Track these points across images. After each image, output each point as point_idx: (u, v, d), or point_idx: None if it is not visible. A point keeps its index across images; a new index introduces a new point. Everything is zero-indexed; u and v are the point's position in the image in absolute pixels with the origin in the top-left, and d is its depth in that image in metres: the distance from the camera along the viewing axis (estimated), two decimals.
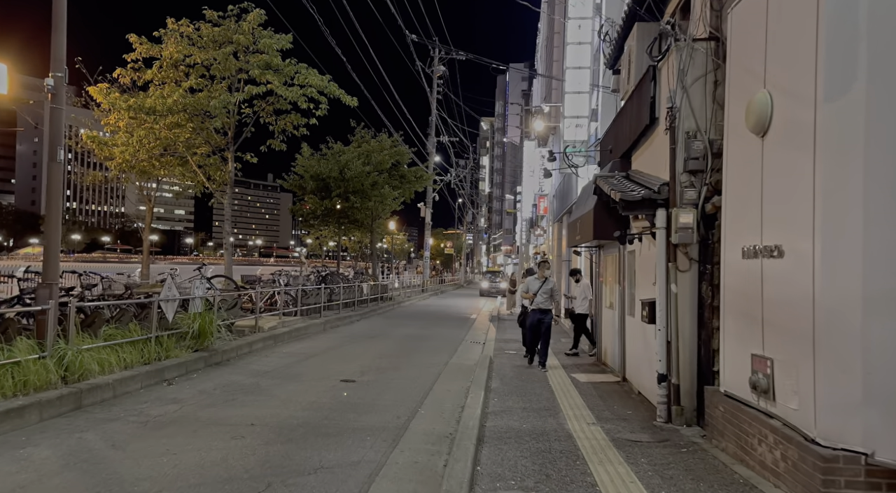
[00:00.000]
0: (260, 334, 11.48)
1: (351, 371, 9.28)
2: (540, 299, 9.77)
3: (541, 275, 9.99)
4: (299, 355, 10.76)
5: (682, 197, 6.49)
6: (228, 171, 12.78)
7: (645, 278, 7.68)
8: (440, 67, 36.56)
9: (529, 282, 10.10)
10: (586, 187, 11.37)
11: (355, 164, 23.65)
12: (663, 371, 6.50)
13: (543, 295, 9.78)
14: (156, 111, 11.23)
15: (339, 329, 15.26)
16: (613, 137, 9.75)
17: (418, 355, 11.49)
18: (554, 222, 23.51)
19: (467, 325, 18.10)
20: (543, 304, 9.79)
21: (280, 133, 13.43)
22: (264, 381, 8.31)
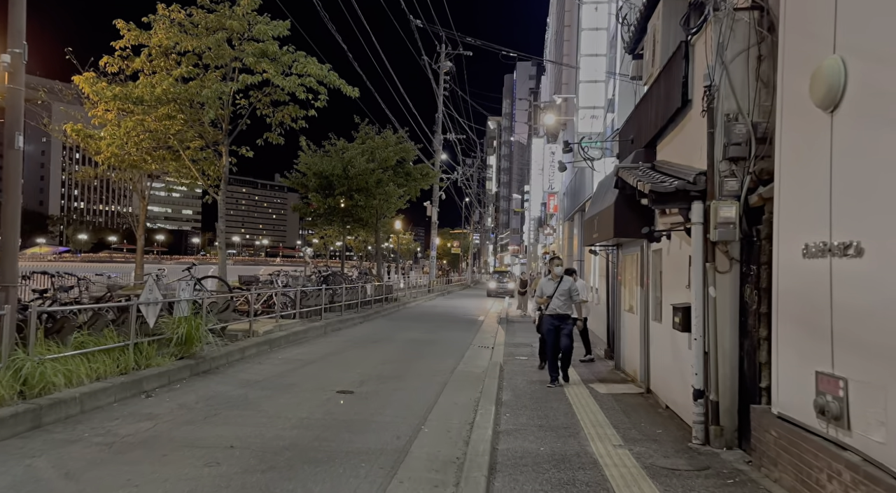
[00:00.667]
0: (254, 338, 10.75)
1: (349, 381, 8.53)
2: (556, 303, 8.56)
3: (554, 275, 8.80)
4: (295, 361, 10.03)
5: (722, 188, 5.70)
6: (223, 165, 12.06)
7: (675, 279, 6.90)
8: (447, 63, 35.82)
9: (542, 284, 8.94)
10: (603, 182, 10.58)
11: (359, 161, 22.94)
12: (700, 386, 5.71)
13: (560, 298, 8.55)
14: (144, 101, 10.52)
15: (341, 333, 14.52)
16: (635, 126, 8.96)
17: (423, 361, 10.74)
18: (564, 221, 22.71)
19: (475, 328, 17.34)
20: (560, 308, 8.56)
21: (277, 126, 12.70)
22: (253, 392, 7.57)
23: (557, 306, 8.56)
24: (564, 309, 8.59)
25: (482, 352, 12.31)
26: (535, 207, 41.82)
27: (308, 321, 14.15)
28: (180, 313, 8.41)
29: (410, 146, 25.44)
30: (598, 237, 9.58)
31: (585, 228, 10.73)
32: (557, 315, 8.57)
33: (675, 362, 6.74)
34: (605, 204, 9.02)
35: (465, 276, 67.92)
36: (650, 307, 8.11)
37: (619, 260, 10.48)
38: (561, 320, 8.54)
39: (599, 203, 9.73)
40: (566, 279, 8.67)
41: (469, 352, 12.19)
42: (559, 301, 8.57)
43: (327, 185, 23.60)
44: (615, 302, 10.82)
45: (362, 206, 23.69)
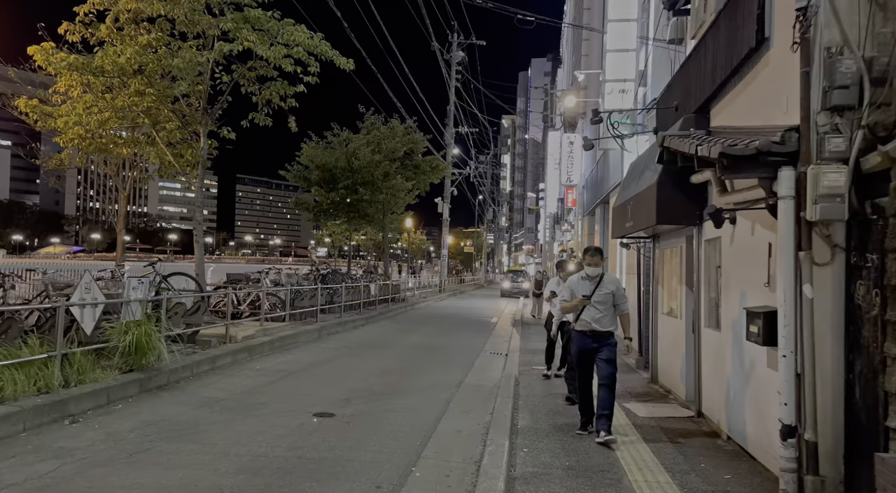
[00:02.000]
0: (230, 345, 9.33)
1: (333, 399, 7.06)
2: (592, 314, 5.71)
3: (587, 272, 5.89)
4: (275, 373, 8.58)
5: (823, 148, 4.14)
6: (200, 148, 10.64)
7: (742, 276, 5.34)
8: (459, 53, 34.30)
9: (572, 284, 5.98)
10: (636, 163, 9.02)
11: (364, 152, 21.50)
12: (790, 421, 4.15)
13: (599, 307, 5.70)
14: (106, 72, 9.17)
15: (337, 337, 13.07)
16: (680, 91, 7.39)
17: (426, 371, 9.25)
18: (584, 216, 21.10)
19: (487, 331, 15.82)
20: (600, 322, 5.70)
21: (264, 105, 11.26)
22: (209, 415, 6.12)
23: (595, 317, 5.71)
24: (606, 324, 5.73)
25: (494, 360, 10.80)
26: (552, 203, 40.18)
27: (301, 324, 12.72)
28: (129, 317, 6.99)
29: (419, 137, 23.95)
30: (631, 227, 8.02)
31: (615, 217, 9.17)
32: (594, 332, 5.71)
33: (744, 382, 5.18)
34: (641, 186, 7.46)
35: (478, 275, 66.38)
36: (702, 311, 6.54)
37: (655, 254, 8.90)
38: (599, 339, 5.72)
39: (633, 187, 8.17)
40: (609, 278, 5.95)
41: (479, 360, 10.69)
42: (598, 311, 5.72)
43: (330, 178, 22.19)
44: (649, 304, 9.24)
45: (368, 201, 22.25)
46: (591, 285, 5.81)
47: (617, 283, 5.96)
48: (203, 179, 10.82)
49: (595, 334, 5.74)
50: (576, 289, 5.91)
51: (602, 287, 5.79)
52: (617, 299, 5.81)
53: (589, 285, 5.83)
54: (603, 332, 5.73)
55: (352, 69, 10.64)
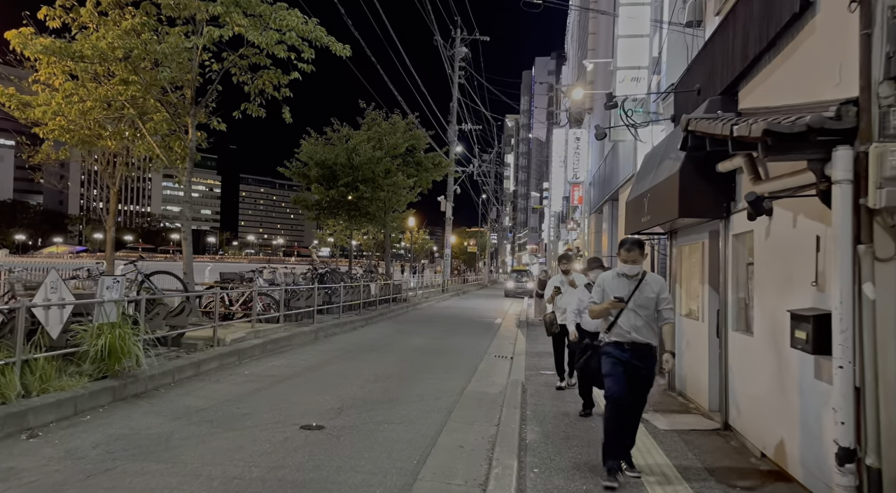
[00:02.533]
0: (218, 348, 8.75)
1: (324, 408, 6.48)
2: (632, 321, 4.61)
3: (629, 270, 4.70)
4: (264, 378, 8.00)
5: (887, 123, 3.54)
6: (189, 140, 10.08)
7: (780, 274, 4.73)
8: (462, 49, 33.69)
9: (605, 283, 4.80)
10: (652, 154, 8.41)
11: (365, 148, 20.92)
12: (849, 444, 3.55)
13: (640, 312, 4.62)
14: (85, 57, 8.61)
15: (334, 339, 12.49)
16: (703, 72, 6.78)
17: (426, 377, 8.66)
18: (591, 214, 20.49)
19: (491, 332, 15.22)
20: (640, 331, 4.62)
21: (257, 95, 10.69)
22: (185, 428, 5.54)
23: (635, 325, 4.59)
24: (648, 334, 4.63)
25: (499, 364, 10.21)
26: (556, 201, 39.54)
27: (296, 325, 12.14)
28: (103, 319, 6.42)
29: (421, 133, 23.35)
30: (648, 222, 7.41)
31: (628, 212, 8.56)
32: (634, 345, 4.60)
33: (785, 394, 4.58)
34: (660, 177, 6.86)
35: (481, 275, 65.79)
36: (729, 314, 5.93)
37: (673, 252, 8.30)
38: (639, 353, 4.60)
39: (649, 179, 7.56)
40: (652, 278, 4.79)
41: (483, 364, 10.10)
42: (638, 318, 4.60)
43: (330, 175, 21.62)
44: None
45: (368, 198, 21.66)
46: (630, 285, 4.68)
47: (662, 284, 4.80)
48: (191, 173, 10.25)
49: (634, 346, 4.59)
50: (610, 289, 4.71)
51: (644, 288, 4.66)
52: (661, 304, 4.68)
53: (627, 284, 4.68)
54: (643, 344, 4.61)
55: (348, 56, 10.06)
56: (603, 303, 4.72)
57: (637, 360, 4.61)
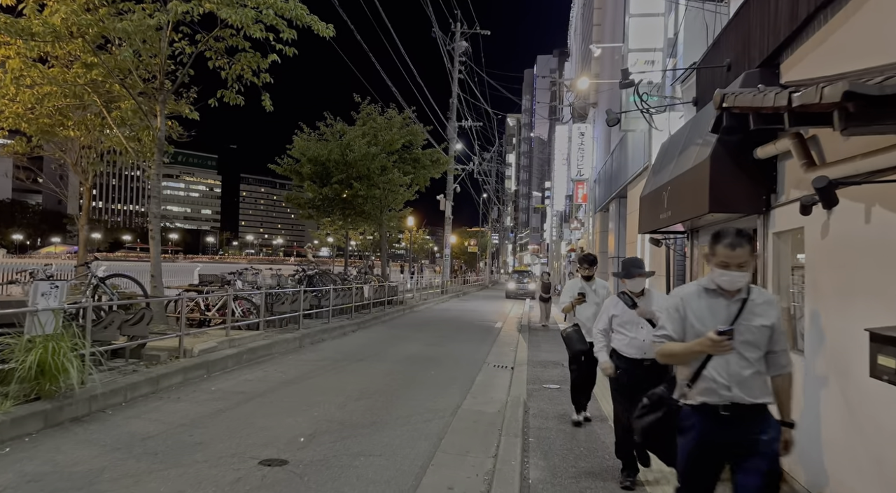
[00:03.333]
0: (183, 361, 7.83)
1: (293, 434, 5.57)
2: (735, 367, 2.67)
3: (727, 281, 2.70)
4: (232, 396, 7.08)
5: None
6: (157, 129, 9.17)
7: (852, 281, 3.80)
8: (462, 43, 32.77)
9: (688, 303, 2.81)
10: (670, 144, 7.48)
11: (359, 144, 20.02)
12: None
13: (748, 352, 2.69)
14: (35, 35, 7.71)
15: (321, 346, 11.57)
16: (735, 44, 5.85)
17: (416, 392, 7.75)
18: (596, 212, 19.58)
19: (490, 337, 14.30)
20: (746, 386, 2.68)
21: (235, 81, 9.79)
22: (120, 465, 4.62)
23: (740, 376, 2.68)
24: (758, 389, 2.74)
25: (499, 375, 9.30)
26: (559, 200, 38.66)
27: (279, 332, 11.23)
28: (36, 331, 5.51)
29: (419, 128, 22.44)
30: (668, 218, 6.48)
31: (643, 208, 7.63)
32: (737, 409, 2.67)
33: (852, 434, 3.65)
34: (683, 166, 5.93)
35: (482, 276, 64.90)
36: None
37: (694, 252, 7.37)
38: (746, 424, 2.69)
39: (669, 169, 6.64)
40: (763, 297, 2.83)
41: (481, 376, 9.18)
42: (745, 362, 2.70)
43: (323, 172, 20.73)
44: None
45: (363, 196, 20.75)
46: (730, 307, 2.73)
47: (776, 305, 2.84)
48: (161, 165, 9.33)
49: (738, 411, 2.65)
50: (696, 314, 2.75)
51: (752, 313, 2.72)
52: (776, 341, 2.79)
53: (724, 307, 2.73)
54: (752, 406, 2.68)
55: (332, 36, 9.14)
56: (689, 342, 2.71)
57: (741, 434, 2.67)
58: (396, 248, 75.46)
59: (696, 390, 2.73)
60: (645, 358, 4.39)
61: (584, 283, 6.12)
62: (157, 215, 9.44)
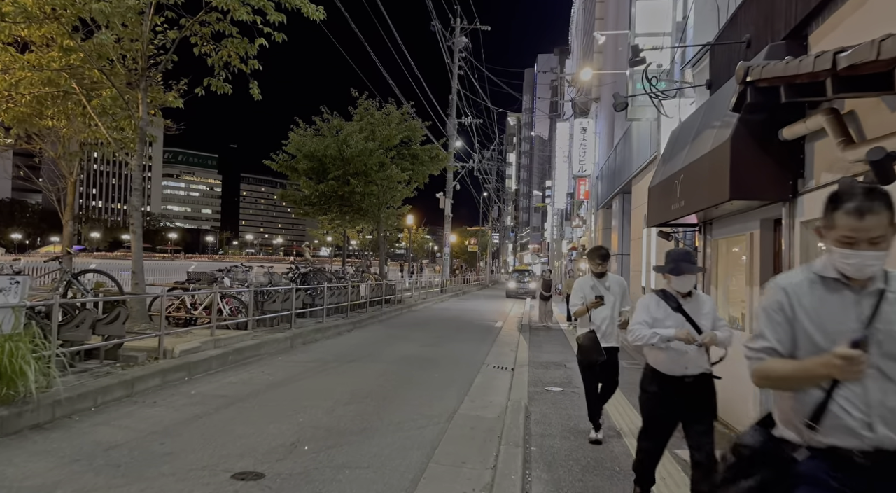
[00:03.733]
0: (162, 362, 7.37)
1: (274, 444, 5.10)
2: (877, 394, 1.76)
3: (854, 269, 1.81)
4: (212, 400, 6.61)
5: None
6: (139, 118, 8.71)
7: None
8: (462, 39, 32.30)
9: (799, 298, 1.88)
10: (681, 130, 7.02)
11: (356, 139, 19.54)
12: None
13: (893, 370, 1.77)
14: (5, 16, 7.24)
15: (313, 346, 11.11)
16: (758, 16, 5.39)
17: (411, 395, 7.28)
18: (598, 209, 19.12)
19: (490, 337, 13.84)
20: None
21: (222, 68, 9.33)
22: (77, 479, 4.16)
23: (887, 410, 1.76)
24: None
25: (498, 377, 8.84)
26: (560, 198, 38.23)
27: (270, 332, 10.77)
28: None
29: (417, 124, 21.96)
30: (681, 209, 6.01)
31: (654, 199, 7.16)
32: (887, 460, 1.76)
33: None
34: (699, 151, 5.47)
35: (482, 275, 64.43)
36: None
37: (707, 246, 6.90)
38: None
39: (682, 157, 6.18)
40: None
41: (480, 378, 8.72)
42: (892, 385, 1.77)
43: (319, 168, 20.27)
44: None
45: (360, 193, 20.29)
46: (861, 305, 1.85)
47: None
48: (142, 156, 8.87)
49: (883, 460, 1.76)
50: (813, 314, 1.85)
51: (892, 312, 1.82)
52: None
53: (853, 304, 1.85)
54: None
55: (323, 19, 8.67)
56: (804, 359, 1.84)
57: None
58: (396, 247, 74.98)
59: (824, 430, 1.80)
60: (687, 374, 3.60)
61: (597, 280, 5.41)
62: (138, 209, 8.97)
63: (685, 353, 3.58)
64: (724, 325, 3.77)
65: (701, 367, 3.63)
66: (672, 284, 3.70)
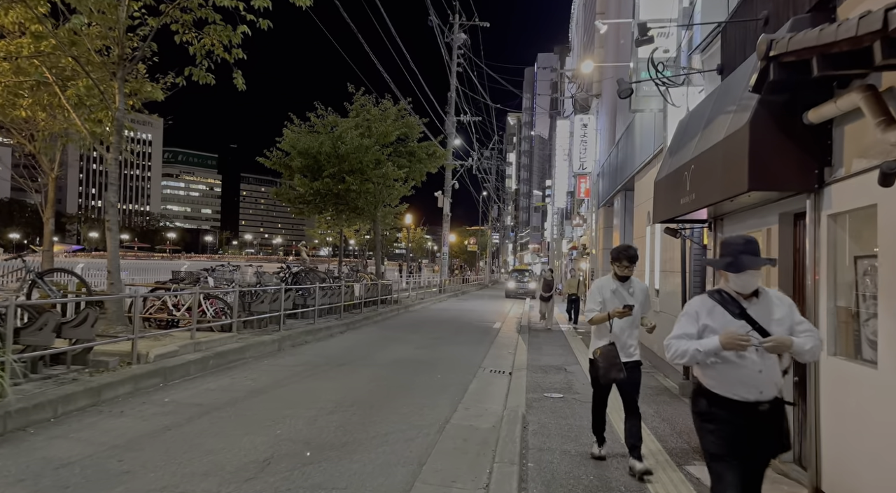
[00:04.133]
0: (135, 367, 6.90)
1: (245, 460, 4.64)
2: None
3: None
4: (186, 409, 6.15)
5: None
6: (115, 109, 8.25)
7: None
8: (461, 35, 31.83)
9: None
10: (691, 119, 6.54)
11: (352, 135, 19.07)
12: None
13: None
14: None
15: (302, 349, 10.64)
16: None
17: (401, 402, 6.82)
18: (599, 208, 18.66)
19: (488, 339, 13.38)
20: None
21: (204, 57, 8.87)
22: None
23: None
24: None
25: (495, 382, 8.38)
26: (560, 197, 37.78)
27: (257, 334, 10.31)
28: None
29: (414, 120, 21.50)
30: (691, 203, 5.54)
31: (660, 193, 6.69)
32: None
33: None
34: (713, 139, 5.00)
35: (482, 275, 63.99)
36: (822, 330, 4.08)
37: (718, 244, 6.43)
38: None
39: (692, 147, 5.71)
40: None
41: (475, 383, 8.26)
42: None
43: (314, 165, 19.80)
44: None
45: (356, 191, 19.83)
46: None
47: None
48: (118, 149, 8.41)
49: None
50: None
51: None
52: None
53: None
54: None
55: (309, 6, 8.21)
56: None
57: None
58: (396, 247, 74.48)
59: None
60: (762, 400, 2.79)
61: (620, 284, 4.64)
62: (114, 205, 8.51)
63: (758, 370, 2.77)
64: (808, 330, 2.87)
65: (777, 385, 2.82)
66: (731, 283, 2.89)
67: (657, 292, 10.11)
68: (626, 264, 4.59)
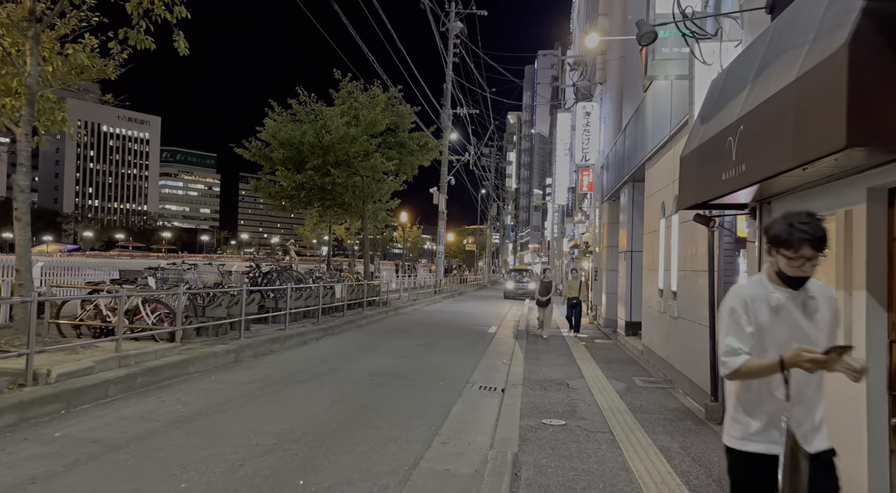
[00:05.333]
0: (27, 390, 5.49)
1: None
2: None
3: None
4: (77, 448, 4.74)
5: None
6: (27, 74, 6.87)
7: None
8: (457, 24, 30.42)
9: None
10: (726, 76, 5.10)
11: (337, 123, 17.66)
12: None
13: None
14: None
15: (263, 361, 9.23)
16: None
17: (361, 435, 5.41)
18: (603, 202, 17.25)
19: (481, 346, 11.99)
20: None
21: (141, 17, 7.49)
22: None
23: None
24: None
25: (483, 402, 6.99)
26: (561, 194, 36.40)
27: (209, 343, 8.90)
28: None
29: (405, 109, 20.10)
30: (741, 176, 4.10)
31: (693, 169, 5.24)
32: None
33: None
34: (780, 82, 3.59)
35: (481, 275, 62.59)
36: None
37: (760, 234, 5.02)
38: None
39: (737, 104, 4.29)
40: None
41: (460, 405, 6.86)
42: None
43: (297, 157, 18.43)
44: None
45: (342, 184, 18.44)
46: None
47: None
48: (31, 123, 7.03)
49: None
50: None
51: None
52: None
53: None
54: None
55: None
56: None
57: None
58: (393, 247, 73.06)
59: None
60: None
61: (789, 295, 2.29)
62: (24, 190, 7.12)
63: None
64: None
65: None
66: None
67: (674, 295, 8.71)
68: (809, 254, 2.18)
